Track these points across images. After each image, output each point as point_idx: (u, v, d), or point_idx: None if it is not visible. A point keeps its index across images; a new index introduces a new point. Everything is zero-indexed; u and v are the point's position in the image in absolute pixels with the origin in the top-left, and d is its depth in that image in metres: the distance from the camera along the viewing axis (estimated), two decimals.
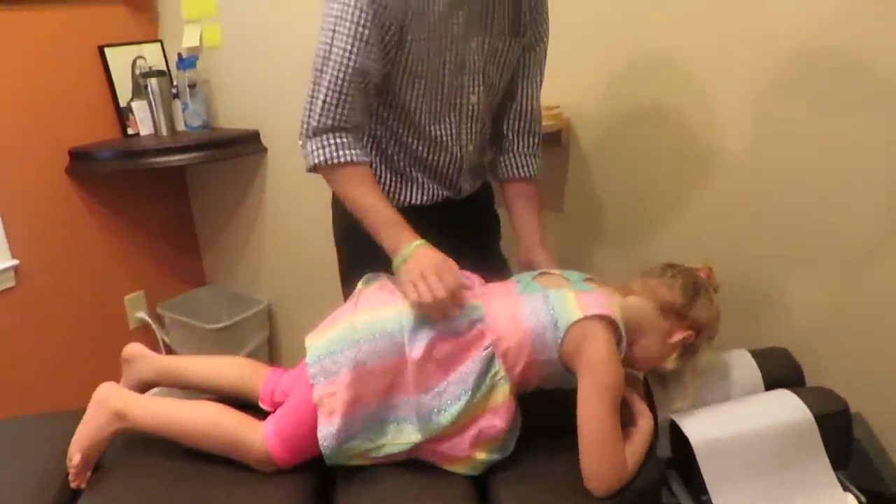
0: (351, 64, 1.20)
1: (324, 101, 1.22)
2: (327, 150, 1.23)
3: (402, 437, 1.16)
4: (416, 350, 1.13)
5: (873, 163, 1.40)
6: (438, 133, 1.35)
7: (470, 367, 1.14)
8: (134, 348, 1.40)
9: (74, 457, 1.19)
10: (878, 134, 1.39)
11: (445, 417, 1.12)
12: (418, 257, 1.18)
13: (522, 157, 1.47)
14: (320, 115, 1.23)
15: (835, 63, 1.40)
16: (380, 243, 1.23)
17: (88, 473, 1.21)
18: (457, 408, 1.12)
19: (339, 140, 1.24)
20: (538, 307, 1.17)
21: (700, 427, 1.13)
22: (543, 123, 1.54)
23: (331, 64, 1.20)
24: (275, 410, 1.24)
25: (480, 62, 1.32)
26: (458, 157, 1.40)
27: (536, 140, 1.49)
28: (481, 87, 1.34)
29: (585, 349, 1.12)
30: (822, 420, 1.11)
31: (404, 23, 1.21)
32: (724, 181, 1.59)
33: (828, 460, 1.11)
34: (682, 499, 1.16)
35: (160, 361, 1.39)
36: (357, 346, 1.15)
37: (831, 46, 1.40)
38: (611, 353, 1.12)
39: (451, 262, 1.19)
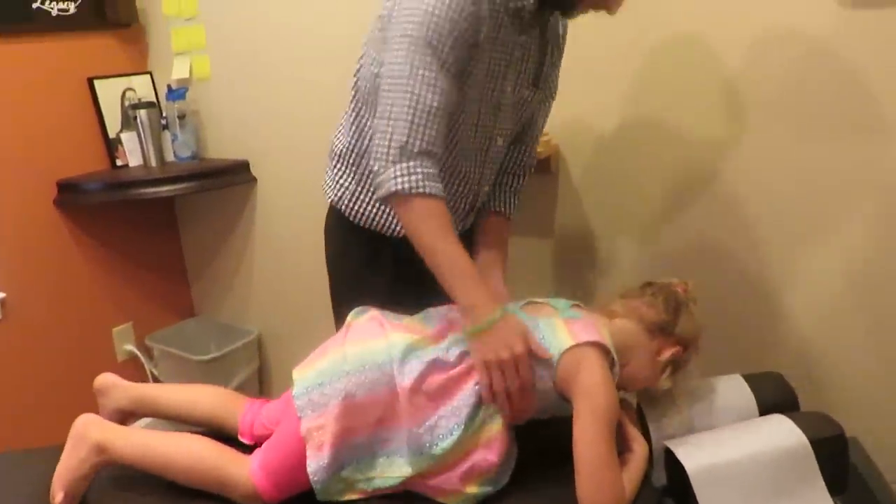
0: (438, 84, 1.14)
1: (411, 122, 1.13)
2: (414, 177, 1.13)
3: (392, 470, 1.13)
4: (406, 382, 1.11)
5: (866, 185, 1.41)
6: (465, 170, 1.34)
7: (462, 400, 1.12)
8: (106, 378, 1.36)
9: (57, 495, 1.15)
10: (873, 155, 1.40)
11: (437, 451, 1.10)
12: (500, 335, 1.11)
13: (503, 194, 1.48)
14: (408, 135, 1.13)
15: (824, 86, 1.42)
16: (449, 293, 1.16)
17: None
18: (449, 442, 1.10)
19: (426, 170, 1.15)
20: None
21: (695, 454, 1.11)
22: None
23: (414, 84, 1.14)
24: (255, 444, 1.21)
25: (510, 106, 1.33)
26: (475, 195, 1.40)
27: (521, 182, 1.50)
28: (507, 131, 1.36)
29: (580, 376, 1.11)
30: (817, 445, 1.10)
31: (471, 52, 1.19)
32: (713, 204, 1.59)
33: (824, 485, 1.10)
34: None
35: (135, 390, 1.35)
36: (346, 377, 1.13)
37: (819, 69, 1.42)
38: (605, 378, 1.11)
39: (527, 350, 1.12)
